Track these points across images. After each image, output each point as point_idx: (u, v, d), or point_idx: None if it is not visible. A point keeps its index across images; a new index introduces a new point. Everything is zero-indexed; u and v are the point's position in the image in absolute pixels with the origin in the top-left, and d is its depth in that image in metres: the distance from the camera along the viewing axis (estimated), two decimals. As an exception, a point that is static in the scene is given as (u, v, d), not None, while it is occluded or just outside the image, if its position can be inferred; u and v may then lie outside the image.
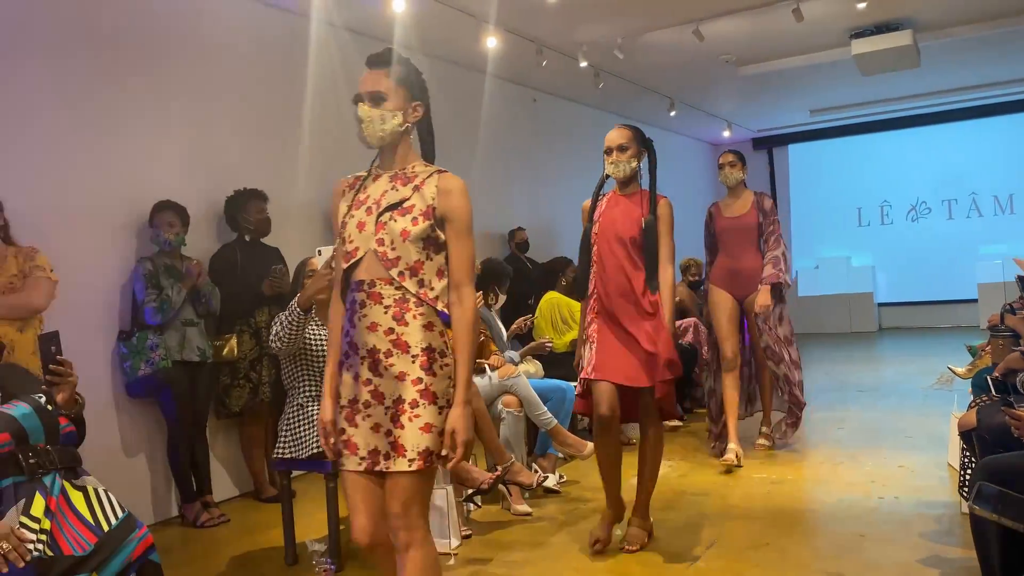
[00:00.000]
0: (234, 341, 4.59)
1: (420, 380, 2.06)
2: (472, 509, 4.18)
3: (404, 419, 2.04)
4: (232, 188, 4.82)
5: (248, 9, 5.32)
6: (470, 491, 3.97)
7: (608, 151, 3.54)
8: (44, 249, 3.65)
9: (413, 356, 2.07)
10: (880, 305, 12.50)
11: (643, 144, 3.57)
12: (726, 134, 11.66)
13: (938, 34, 7.56)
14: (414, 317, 2.09)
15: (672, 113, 9.55)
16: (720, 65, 8.23)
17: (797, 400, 5.20)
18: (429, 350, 2.09)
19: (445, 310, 2.15)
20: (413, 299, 2.10)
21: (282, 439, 3.57)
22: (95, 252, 4.31)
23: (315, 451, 3.44)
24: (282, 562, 3.61)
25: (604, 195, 3.67)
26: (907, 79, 9.23)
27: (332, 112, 5.86)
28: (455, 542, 3.63)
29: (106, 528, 2.16)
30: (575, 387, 3.64)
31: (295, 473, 4.25)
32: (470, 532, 3.83)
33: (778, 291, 5.04)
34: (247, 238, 4.80)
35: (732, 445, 4.80)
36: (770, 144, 13.34)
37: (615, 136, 3.53)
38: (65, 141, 4.20)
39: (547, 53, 6.92)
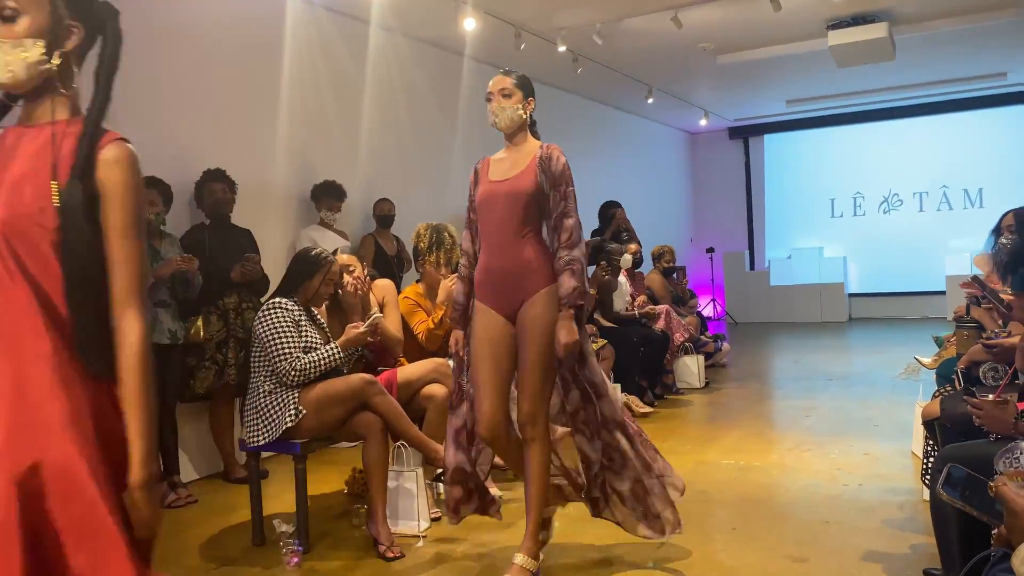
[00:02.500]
0: (200, 323, 4.54)
1: None
2: (442, 491, 4.18)
3: None
4: (203, 169, 4.76)
5: (223, -16, 5.23)
6: (439, 471, 3.98)
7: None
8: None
9: None
10: (851, 295, 12.65)
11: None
12: (703, 123, 11.71)
13: (914, 27, 7.63)
14: None
15: (650, 100, 9.57)
16: (698, 53, 8.25)
17: (574, 481, 3.29)
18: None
19: None
20: None
21: (249, 425, 3.54)
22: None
23: (289, 424, 3.42)
24: (249, 543, 3.60)
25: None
26: (882, 72, 9.31)
27: (310, 92, 5.80)
28: (424, 524, 3.64)
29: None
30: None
31: (264, 454, 4.23)
32: (439, 514, 3.83)
33: (580, 316, 3.01)
34: (208, 220, 4.74)
35: (520, 559, 3.02)
36: (746, 134, 13.41)
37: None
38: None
39: (525, 36, 6.89)
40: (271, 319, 3.51)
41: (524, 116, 3.09)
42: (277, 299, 3.59)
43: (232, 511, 4.12)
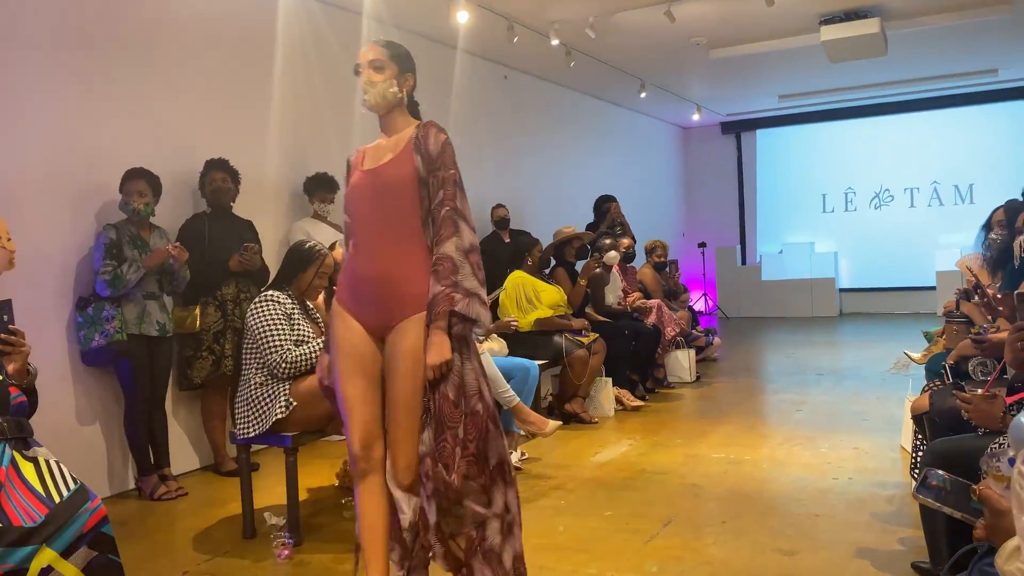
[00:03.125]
0: (198, 312, 4.54)
1: None
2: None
3: None
4: (202, 160, 4.74)
5: (214, -25, 5.20)
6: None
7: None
8: (2, 215, 3.56)
9: None
10: (842, 290, 12.69)
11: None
12: (695, 117, 11.71)
13: (906, 23, 7.64)
14: None
15: (643, 95, 9.56)
16: (691, 48, 8.24)
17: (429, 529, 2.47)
18: None
19: None
20: None
21: (239, 417, 3.54)
22: (56, 219, 4.21)
23: (279, 416, 3.42)
24: (240, 535, 3.59)
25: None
26: (874, 67, 9.33)
27: (303, 85, 5.78)
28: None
29: (57, 500, 2.13)
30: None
31: (255, 447, 4.22)
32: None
33: (462, 332, 2.42)
34: (208, 209, 4.73)
35: None
36: (739, 129, 13.42)
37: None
38: (24, 107, 4.09)
39: (518, 30, 6.87)
40: (263, 311, 3.51)
41: (399, 94, 2.59)
42: (270, 292, 3.60)
43: (223, 504, 4.12)
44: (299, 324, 3.57)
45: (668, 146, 13.20)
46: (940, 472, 1.83)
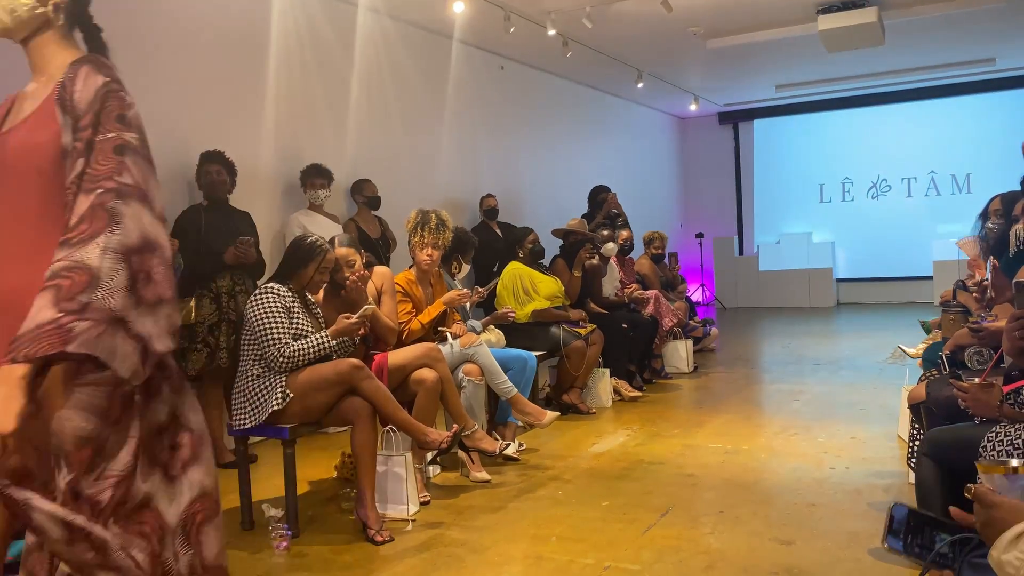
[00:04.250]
0: (193, 304, 4.53)
1: None
2: (433, 475, 4.21)
3: None
4: (197, 152, 4.72)
5: (208, -35, 5.17)
6: (430, 455, 3.98)
7: None
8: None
9: None
10: (839, 280, 12.70)
11: None
12: (693, 107, 11.69)
13: (903, 12, 7.63)
14: None
15: (640, 85, 9.55)
16: (688, 37, 8.22)
17: None
18: None
19: None
20: None
21: (236, 408, 3.54)
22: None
23: (275, 407, 3.42)
24: (238, 527, 3.60)
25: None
26: (872, 57, 9.31)
27: (297, 75, 5.76)
28: (413, 508, 3.64)
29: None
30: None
31: (253, 439, 4.22)
32: (428, 498, 3.84)
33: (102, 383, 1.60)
34: (205, 201, 4.72)
35: None
36: (736, 119, 13.40)
37: None
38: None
39: (515, 20, 6.85)
40: (262, 304, 3.51)
41: (41, 7, 1.77)
42: (270, 284, 3.60)
43: (220, 496, 4.11)
44: (298, 318, 3.57)
45: (665, 136, 13.18)
46: (903, 506, 1.81)
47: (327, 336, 3.52)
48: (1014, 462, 1.59)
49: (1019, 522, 1.43)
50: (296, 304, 3.59)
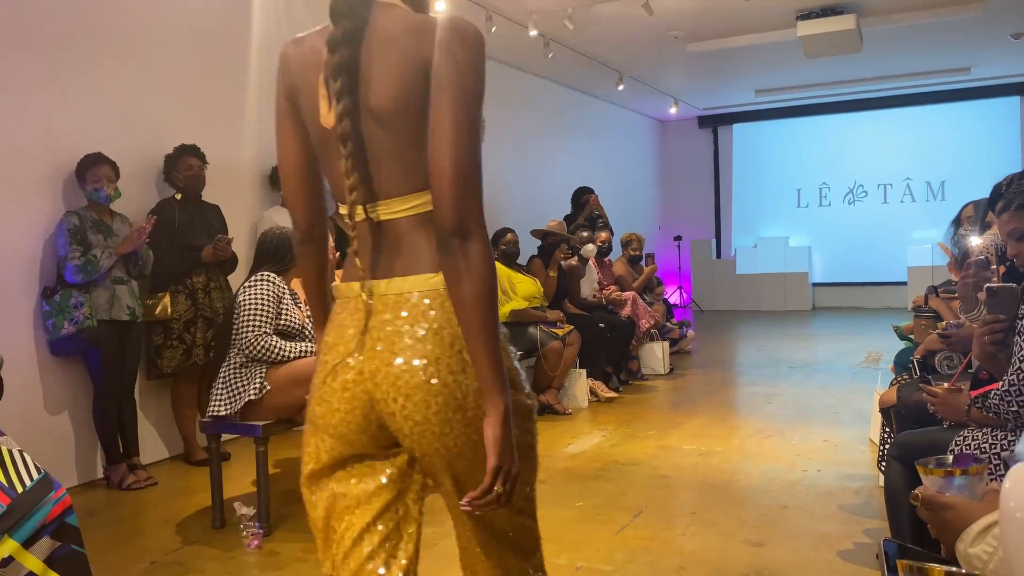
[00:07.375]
0: (167, 300, 4.49)
1: None
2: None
3: None
4: (170, 145, 4.68)
5: (187, -42, 5.12)
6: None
7: None
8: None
9: None
10: (815, 285, 12.81)
11: None
12: (673, 111, 11.74)
13: (881, 20, 7.71)
14: None
15: (620, 87, 9.57)
16: (669, 41, 8.26)
17: None
18: None
19: None
20: None
21: (214, 396, 3.52)
22: (19, 206, 4.14)
23: (251, 398, 3.42)
24: (209, 525, 3.57)
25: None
26: (850, 63, 9.41)
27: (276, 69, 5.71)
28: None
29: (20, 489, 2.09)
30: None
31: (226, 437, 4.19)
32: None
33: None
34: (179, 196, 4.67)
35: None
36: (715, 123, 13.48)
37: None
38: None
39: (497, 20, 6.84)
40: (256, 289, 3.56)
41: None
42: (266, 273, 3.61)
43: (192, 493, 4.08)
44: (288, 308, 3.60)
45: (645, 139, 13.23)
46: (892, 542, 1.80)
47: (312, 347, 3.54)
48: (950, 459, 1.62)
49: (975, 520, 1.45)
50: (287, 295, 3.61)
